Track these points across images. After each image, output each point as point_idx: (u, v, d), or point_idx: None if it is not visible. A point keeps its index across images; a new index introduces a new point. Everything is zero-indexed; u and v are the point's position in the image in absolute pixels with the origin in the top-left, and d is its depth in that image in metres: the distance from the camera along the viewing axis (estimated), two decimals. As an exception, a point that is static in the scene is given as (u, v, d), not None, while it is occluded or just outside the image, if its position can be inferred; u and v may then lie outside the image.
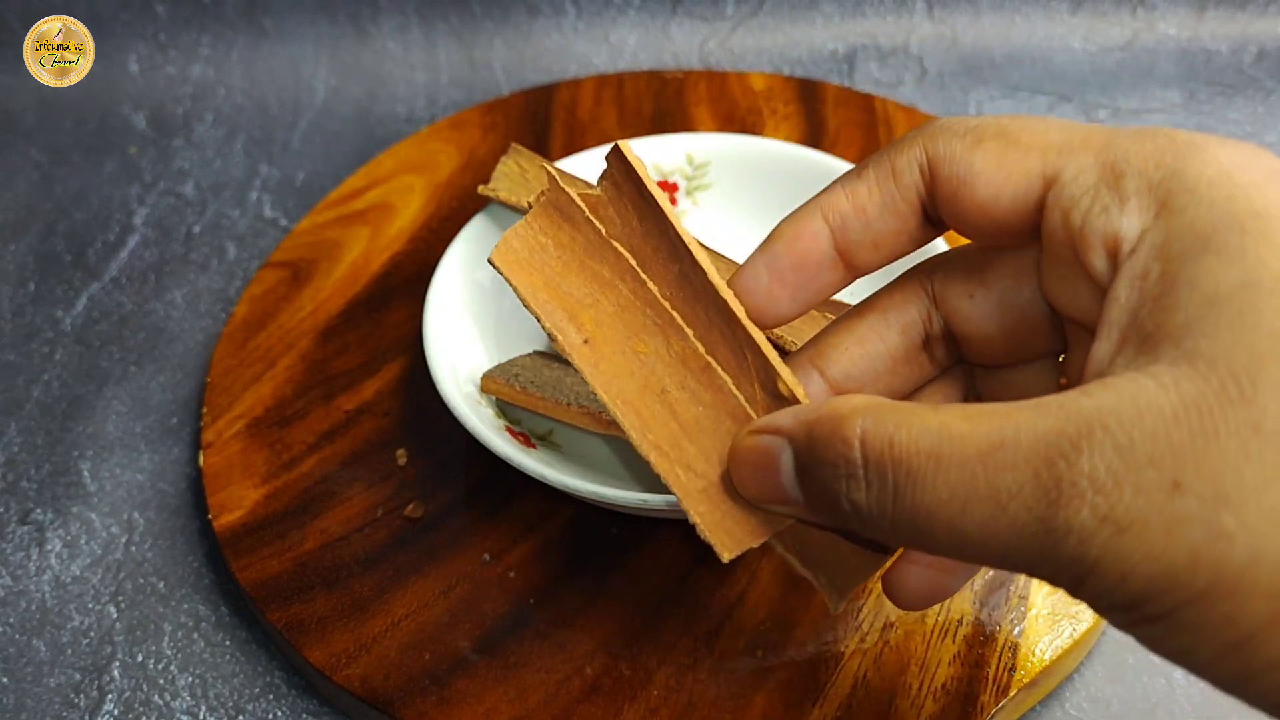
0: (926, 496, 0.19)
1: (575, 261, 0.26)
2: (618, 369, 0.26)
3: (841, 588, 0.25)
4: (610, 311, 0.26)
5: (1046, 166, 0.22)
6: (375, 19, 0.67)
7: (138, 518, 0.43)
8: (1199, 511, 0.17)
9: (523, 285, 0.26)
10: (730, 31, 0.67)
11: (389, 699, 0.34)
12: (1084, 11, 0.67)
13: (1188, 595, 0.17)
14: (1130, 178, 0.20)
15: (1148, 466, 0.17)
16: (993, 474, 0.18)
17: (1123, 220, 0.20)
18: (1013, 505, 0.18)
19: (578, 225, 0.26)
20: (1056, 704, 0.36)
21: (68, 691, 0.38)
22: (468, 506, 0.40)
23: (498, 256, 0.26)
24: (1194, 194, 0.19)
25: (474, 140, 0.56)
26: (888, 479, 0.20)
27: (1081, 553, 0.18)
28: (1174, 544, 0.17)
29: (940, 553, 0.20)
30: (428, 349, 0.39)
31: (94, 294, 0.53)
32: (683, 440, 0.25)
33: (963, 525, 0.19)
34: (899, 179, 0.24)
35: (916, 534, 0.20)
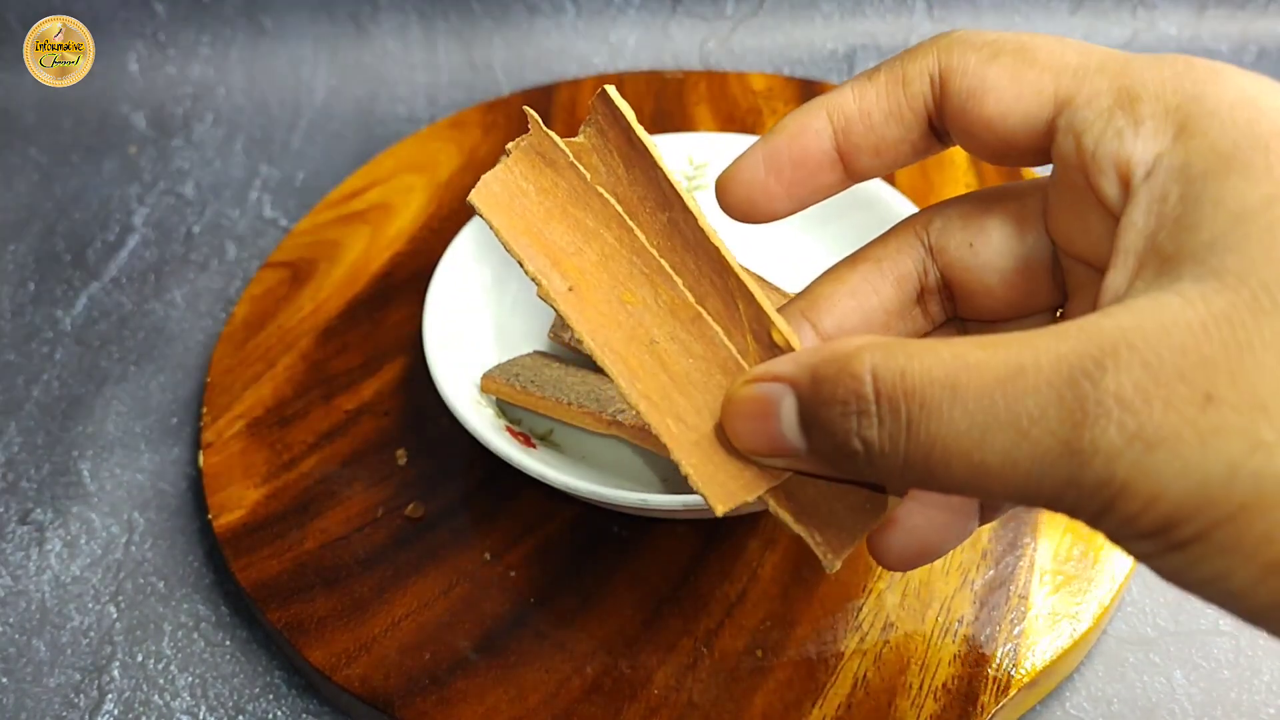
0: (943, 428, 0.18)
1: (558, 208, 0.25)
2: (604, 318, 0.25)
3: (836, 546, 0.24)
4: (595, 260, 0.25)
5: (1060, 88, 0.21)
6: (375, 18, 0.67)
7: (138, 518, 0.43)
8: (1235, 423, 0.16)
9: (503, 227, 0.25)
10: (730, 31, 0.67)
11: (389, 699, 0.34)
12: (1084, 11, 0.67)
13: (1224, 512, 0.16)
14: (1146, 102, 0.20)
15: (1178, 381, 0.16)
16: (1013, 400, 0.18)
17: (1138, 144, 0.20)
18: (1035, 430, 0.17)
19: (561, 171, 0.25)
20: (1056, 704, 0.36)
21: (68, 691, 0.38)
22: (468, 506, 0.40)
23: (477, 197, 0.25)
24: (1215, 116, 0.19)
25: (474, 140, 0.56)
26: (901, 412, 0.19)
27: (1109, 474, 0.17)
28: (1209, 457, 0.16)
29: (957, 490, 0.19)
30: (428, 349, 0.39)
31: (94, 294, 0.53)
32: (673, 392, 0.24)
33: (982, 456, 0.18)
34: (908, 86, 0.23)
35: (932, 471, 0.19)
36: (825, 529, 0.24)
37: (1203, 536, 0.17)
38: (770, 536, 0.38)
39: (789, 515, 0.24)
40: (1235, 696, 0.36)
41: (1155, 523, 0.17)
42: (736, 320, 0.25)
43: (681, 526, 0.38)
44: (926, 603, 0.36)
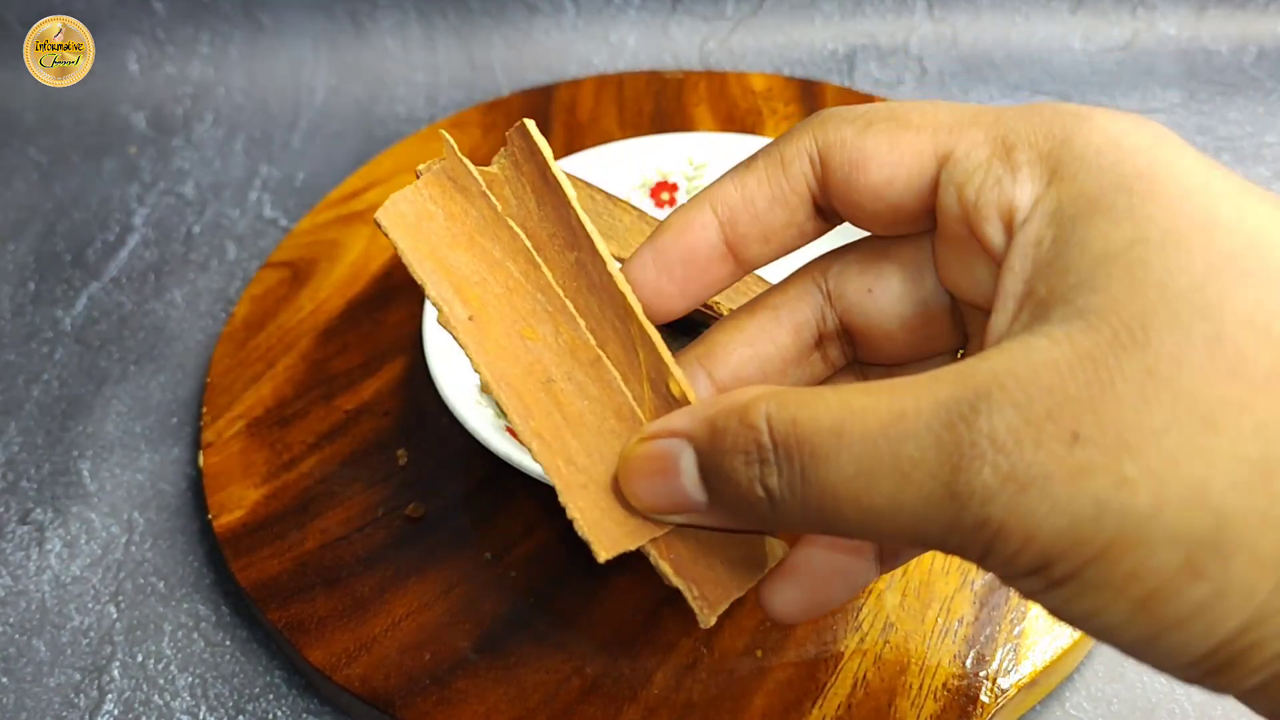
0: (832, 474, 0.19)
1: (465, 236, 0.25)
2: (503, 351, 0.25)
3: (713, 601, 0.25)
4: (498, 292, 0.25)
5: (939, 145, 0.22)
6: (375, 18, 0.67)
7: (138, 518, 0.43)
8: (1100, 460, 0.16)
9: (408, 249, 0.25)
10: (730, 31, 0.67)
11: (389, 699, 0.34)
12: (1084, 11, 0.67)
13: (1093, 550, 0.17)
14: (1021, 149, 0.20)
15: (1046, 420, 0.17)
16: (895, 444, 0.18)
17: (1016, 190, 0.20)
18: (916, 474, 0.18)
19: (471, 199, 0.25)
20: (1056, 704, 0.36)
21: (68, 691, 0.38)
22: (468, 506, 0.40)
23: (384, 215, 0.25)
24: (1082, 160, 0.19)
25: (474, 140, 0.56)
26: (795, 459, 0.19)
27: (986, 515, 0.17)
28: (1077, 496, 0.17)
29: (854, 534, 0.20)
30: (428, 349, 0.39)
31: (94, 294, 0.53)
32: (565, 433, 0.24)
33: (870, 500, 0.18)
34: (788, 169, 0.23)
35: (826, 516, 0.19)
36: (703, 584, 0.24)
37: (1075, 574, 0.17)
38: (770, 536, 0.38)
39: (669, 568, 0.24)
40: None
41: (1032, 561, 0.17)
42: (635, 367, 0.24)
43: (681, 526, 0.38)
44: (926, 603, 0.36)
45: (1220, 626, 0.17)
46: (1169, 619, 0.17)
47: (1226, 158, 0.59)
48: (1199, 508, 0.16)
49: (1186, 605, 0.17)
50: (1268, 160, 0.58)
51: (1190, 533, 0.16)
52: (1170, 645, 0.17)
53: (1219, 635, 0.17)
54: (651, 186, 0.47)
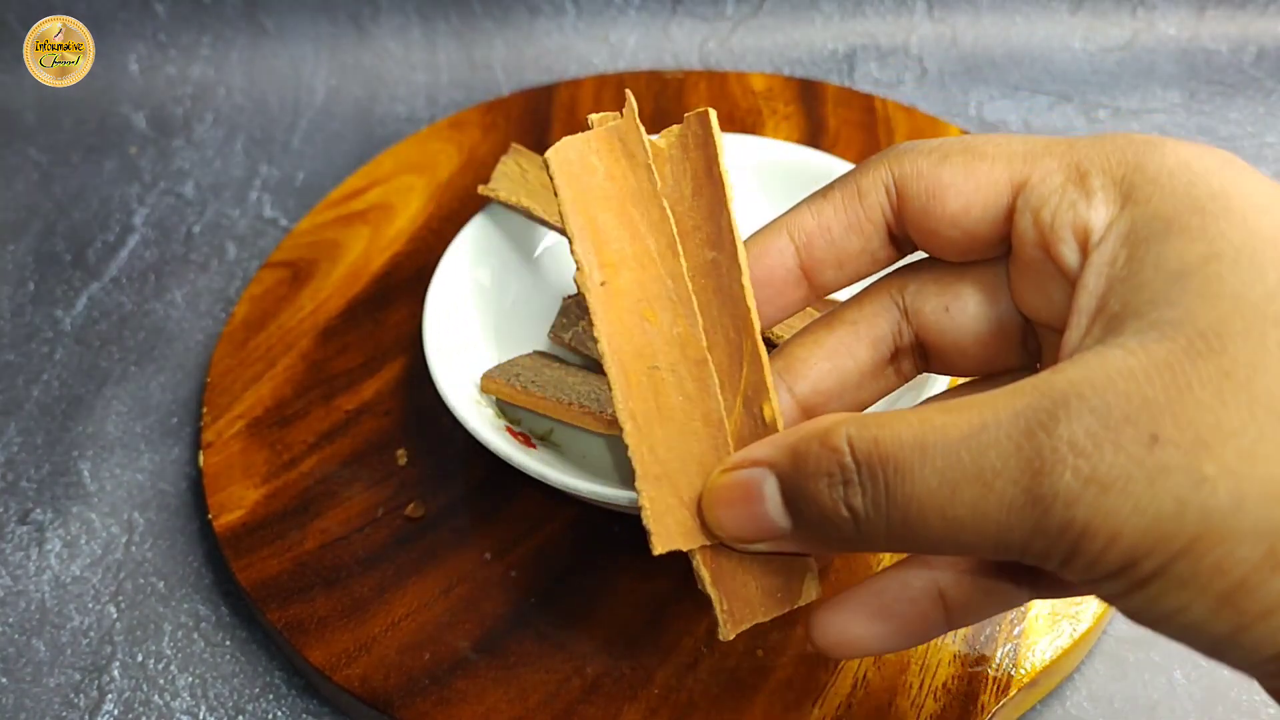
0: (917, 487, 0.19)
1: (617, 200, 0.25)
2: (622, 325, 0.25)
3: (737, 619, 0.25)
4: (631, 266, 0.25)
5: (1014, 173, 0.22)
6: (375, 19, 0.67)
7: (138, 518, 0.43)
8: (1179, 460, 0.17)
9: (568, 198, 0.25)
10: (730, 31, 0.67)
11: (389, 699, 0.34)
12: (1084, 11, 0.67)
13: (1177, 546, 0.17)
14: (1095, 175, 0.21)
15: (1125, 424, 0.17)
16: (976, 455, 0.19)
17: (1090, 213, 0.21)
18: (999, 482, 0.18)
19: (635, 165, 0.25)
20: (1057, 703, 0.36)
21: (68, 691, 0.38)
22: (468, 506, 0.40)
23: (555, 156, 0.25)
24: (1156, 184, 0.20)
25: (474, 140, 0.56)
26: (879, 476, 0.20)
27: (1070, 517, 0.18)
28: (1158, 495, 0.17)
29: (939, 548, 0.20)
30: (428, 349, 0.39)
31: (94, 294, 0.53)
32: (655, 421, 0.25)
33: (954, 511, 0.19)
34: (864, 199, 0.24)
35: (912, 529, 0.20)
36: (734, 600, 0.25)
37: (1161, 572, 0.18)
38: (770, 536, 0.38)
39: (708, 575, 0.25)
40: (1235, 696, 0.36)
41: (1117, 561, 0.18)
42: (735, 380, 0.25)
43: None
44: (926, 603, 0.36)
45: None
46: (1254, 611, 0.17)
47: (1227, 158, 0.58)
48: (1278, 502, 0.17)
49: (1271, 596, 0.17)
50: (1268, 160, 0.58)
51: (1272, 526, 0.17)
52: (1255, 638, 0.17)
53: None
54: (651, 186, 0.47)
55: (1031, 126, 0.61)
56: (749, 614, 0.25)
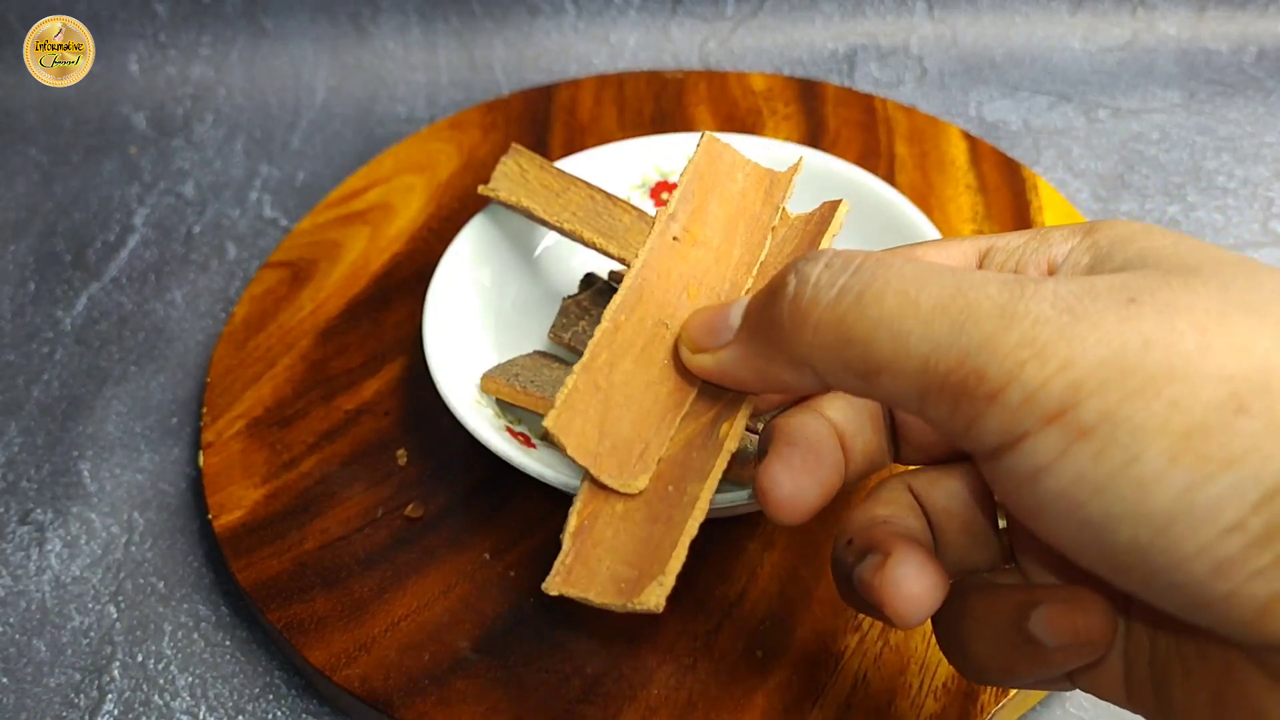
0: (890, 271, 0.20)
1: (736, 208, 0.28)
2: (664, 277, 0.27)
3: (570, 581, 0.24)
4: (711, 252, 0.27)
5: (980, 245, 0.24)
6: (375, 19, 0.67)
7: (138, 518, 0.43)
8: (1153, 314, 0.17)
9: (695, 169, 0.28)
10: (730, 31, 0.67)
11: (389, 699, 0.34)
12: (1084, 11, 0.67)
13: (1135, 384, 0.17)
14: (1055, 232, 0.23)
15: (1105, 290, 0.18)
16: (960, 273, 0.19)
17: (1052, 250, 0.22)
18: (973, 292, 0.19)
19: (767, 202, 0.28)
20: (1057, 703, 0.36)
21: (68, 691, 0.38)
22: (468, 506, 0.40)
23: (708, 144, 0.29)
24: (1113, 227, 0.22)
25: (474, 140, 0.56)
26: (853, 262, 0.20)
27: (1034, 334, 0.18)
28: (1126, 332, 0.17)
29: (869, 334, 0.19)
30: (428, 349, 0.39)
31: (94, 294, 0.53)
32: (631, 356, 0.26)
33: (917, 294, 0.19)
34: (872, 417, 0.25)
35: (862, 303, 0.20)
36: (579, 562, 0.24)
37: (1111, 413, 0.17)
38: (769, 538, 0.38)
39: (574, 522, 0.25)
40: (1235, 696, 0.36)
41: (1061, 395, 0.17)
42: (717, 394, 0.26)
43: (681, 526, 0.38)
44: (926, 603, 0.36)
45: (1268, 468, 0.16)
46: (1217, 457, 0.16)
47: (1226, 158, 0.59)
48: (1245, 354, 0.17)
49: (1234, 440, 0.16)
50: (1268, 160, 0.58)
51: (1237, 371, 0.17)
52: (1219, 492, 0.16)
53: (1270, 477, 0.16)
54: (651, 186, 0.47)
55: (1031, 126, 0.61)
56: (583, 584, 0.24)
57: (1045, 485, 0.18)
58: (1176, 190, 0.57)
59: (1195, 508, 0.16)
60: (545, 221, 0.42)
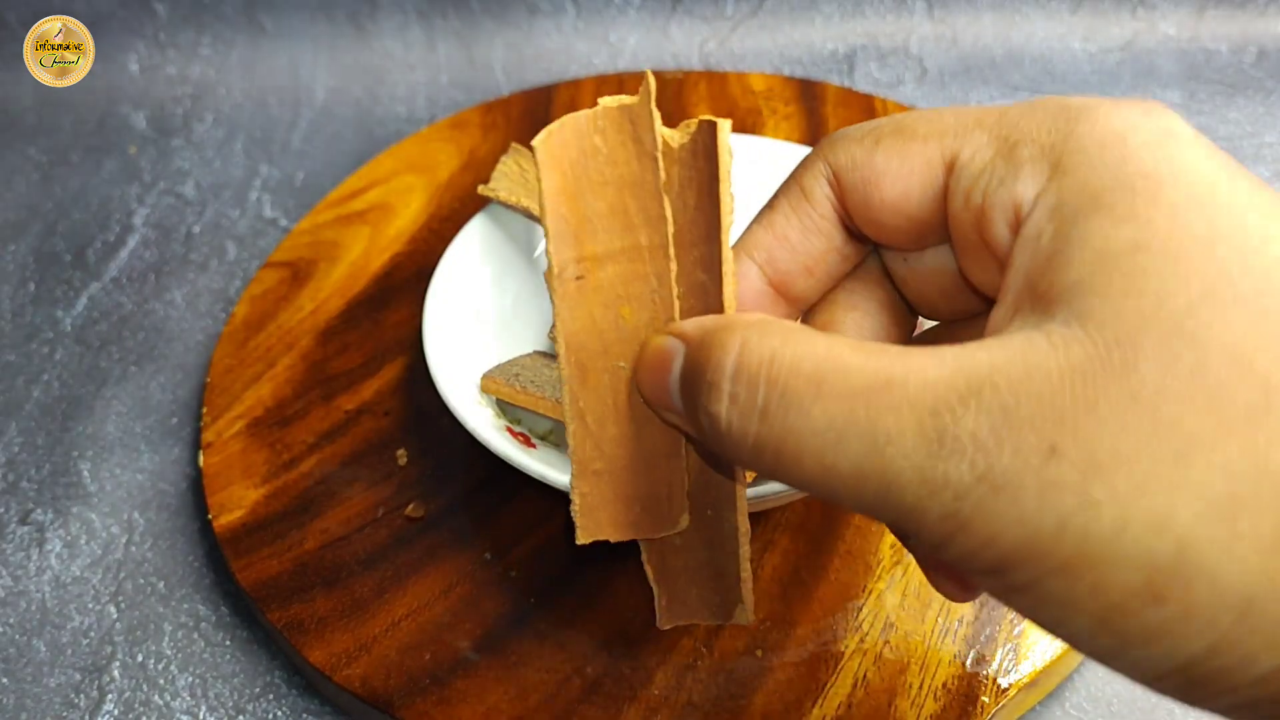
0: (800, 422, 0.19)
1: (615, 186, 0.24)
2: (593, 321, 0.24)
3: (673, 614, 0.27)
4: (618, 259, 0.24)
5: (945, 151, 0.22)
6: (375, 19, 0.67)
7: (138, 518, 0.43)
8: (1071, 479, 0.17)
9: (550, 190, 0.23)
10: (730, 31, 0.67)
11: (389, 699, 0.34)
12: (1084, 11, 0.67)
13: (1053, 564, 0.17)
14: (1024, 146, 0.20)
15: (1028, 429, 0.17)
16: (875, 413, 0.18)
17: (1019, 186, 0.20)
18: (890, 449, 0.18)
19: (641, 153, 0.24)
20: (1056, 704, 0.36)
21: (68, 691, 0.38)
22: (468, 506, 0.40)
23: (543, 145, 0.23)
24: (1085, 154, 0.19)
25: (474, 140, 0.56)
26: (758, 394, 0.19)
27: (955, 509, 0.17)
28: (1044, 510, 0.17)
29: (805, 487, 0.20)
30: (428, 349, 0.39)
31: (94, 294, 0.53)
32: (610, 419, 0.24)
33: (834, 460, 0.18)
34: (810, 197, 0.24)
35: (782, 461, 0.19)
36: (672, 598, 0.27)
37: (1035, 585, 0.17)
38: (769, 538, 0.38)
39: (651, 571, 0.27)
40: (1235, 696, 0.36)
41: (992, 562, 0.18)
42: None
43: (681, 526, 0.38)
44: (926, 603, 0.36)
45: (1184, 648, 0.17)
46: (1133, 636, 0.17)
47: (1226, 158, 0.59)
48: (1161, 534, 0.16)
49: (1149, 624, 0.17)
50: (1267, 160, 0.58)
51: (1151, 557, 0.16)
52: (1136, 659, 0.17)
53: (1183, 656, 0.17)
54: (651, 186, 0.47)
55: (1031, 126, 0.61)
56: (685, 613, 0.27)
57: (998, 599, 0.19)
58: (1176, 190, 0.57)
59: (1124, 663, 0.18)
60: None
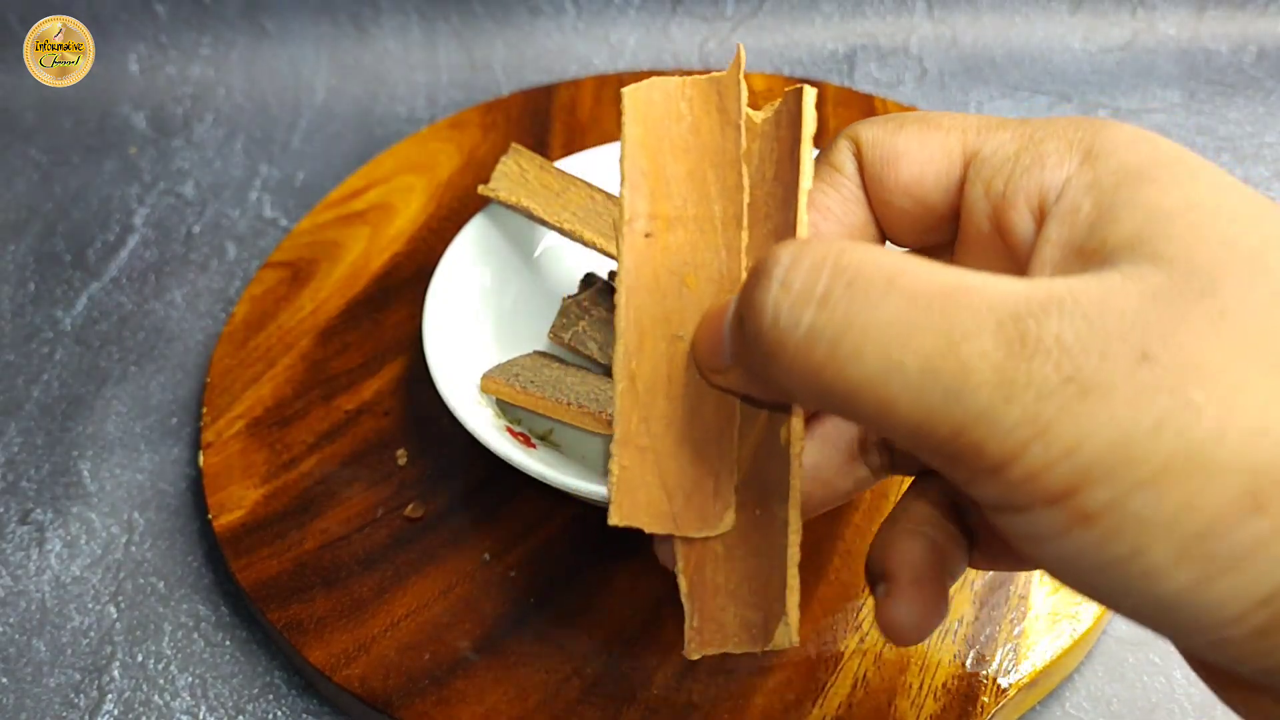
0: (865, 313, 0.17)
1: (697, 153, 0.23)
2: (656, 284, 0.23)
3: (704, 640, 0.24)
4: (689, 227, 0.23)
5: (966, 144, 0.22)
6: (375, 19, 0.67)
7: (138, 518, 0.43)
8: (1168, 381, 0.16)
9: (633, 140, 0.23)
10: (730, 31, 0.67)
11: (389, 699, 0.34)
12: (1084, 11, 0.67)
13: (1145, 473, 0.16)
14: (1050, 141, 0.20)
15: (1117, 339, 0.16)
16: (951, 311, 0.17)
17: (1046, 175, 0.20)
18: (966, 346, 0.17)
19: (726, 123, 0.23)
20: (1056, 704, 0.36)
21: (68, 691, 0.38)
22: (468, 506, 0.40)
23: (631, 95, 0.23)
24: (1116, 144, 0.20)
25: (474, 140, 0.56)
26: (818, 281, 0.18)
27: (1036, 411, 0.16)
28: (1139, 412, 0.16)
29: (848, 393, 0.18)
30: (428, 349, 0.39)
31: (94, 294, 0.53)
32: (661, 392, 0.23)
33: (901, 357, 0.17)
34: (842, 171, 0.24)
35: (835, 357, 0.17)
36: (706, 620, 0.23)
37: (1117, 504, 0.16)
38: (770, 536, 0.38)
39: (685, 585, 0.23)
40: (1235, 696, 0.36)
41: (1068, 479, 0.16)
42: None
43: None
44: (926, 603, 0.36)
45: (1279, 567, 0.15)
46: (1223, 558, 0.16)
47: (1226, 158, 0.59)
48: (1264, 438, 0.16)
49: (1243, 542, 0.16)
50: (1267, 160, 0.58)
51: (1254, 462, 0.15)
52: (1222, 592, 0.16)
53: (1276, 579, 0.16)
54: (651, 186, 0.47)
55: (1031, 126, 0.61)
56: (718, 640, 0.24)
57: (1046, 550, 0.17)
58: (1176, 190, 0.57)
59: (1196, 603, 0.16)
60: (545, 221, 0.42)
